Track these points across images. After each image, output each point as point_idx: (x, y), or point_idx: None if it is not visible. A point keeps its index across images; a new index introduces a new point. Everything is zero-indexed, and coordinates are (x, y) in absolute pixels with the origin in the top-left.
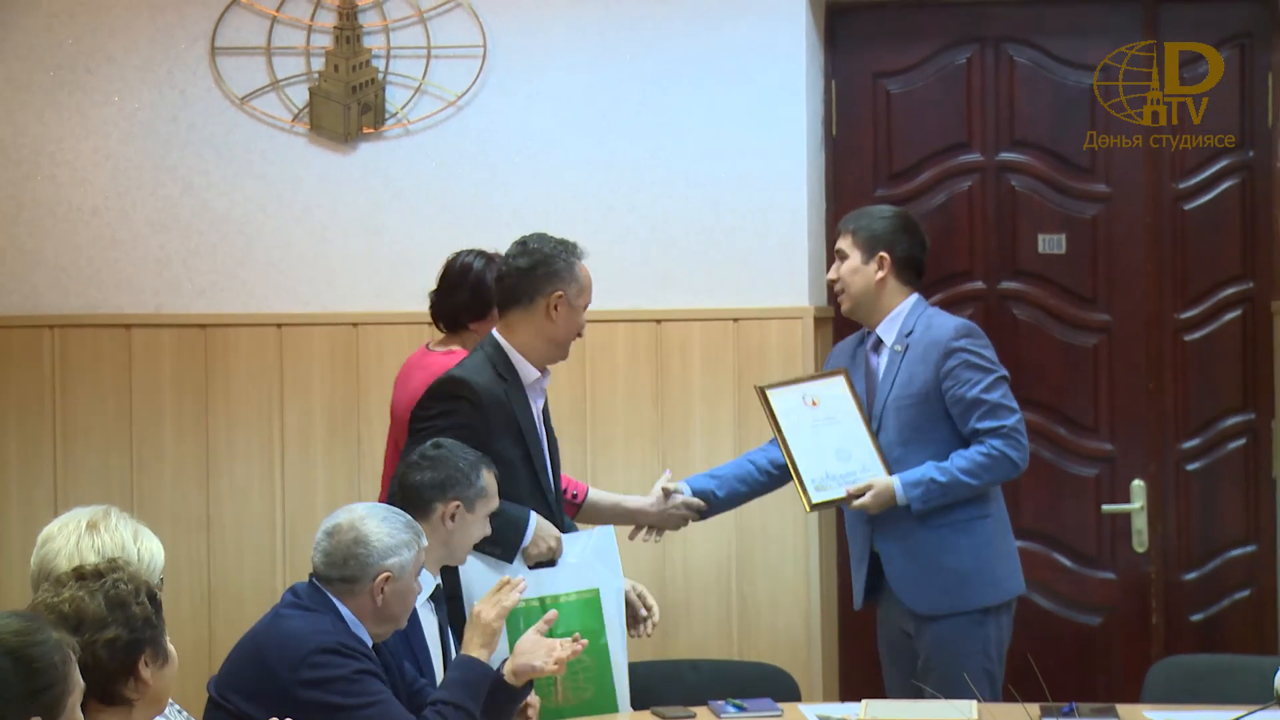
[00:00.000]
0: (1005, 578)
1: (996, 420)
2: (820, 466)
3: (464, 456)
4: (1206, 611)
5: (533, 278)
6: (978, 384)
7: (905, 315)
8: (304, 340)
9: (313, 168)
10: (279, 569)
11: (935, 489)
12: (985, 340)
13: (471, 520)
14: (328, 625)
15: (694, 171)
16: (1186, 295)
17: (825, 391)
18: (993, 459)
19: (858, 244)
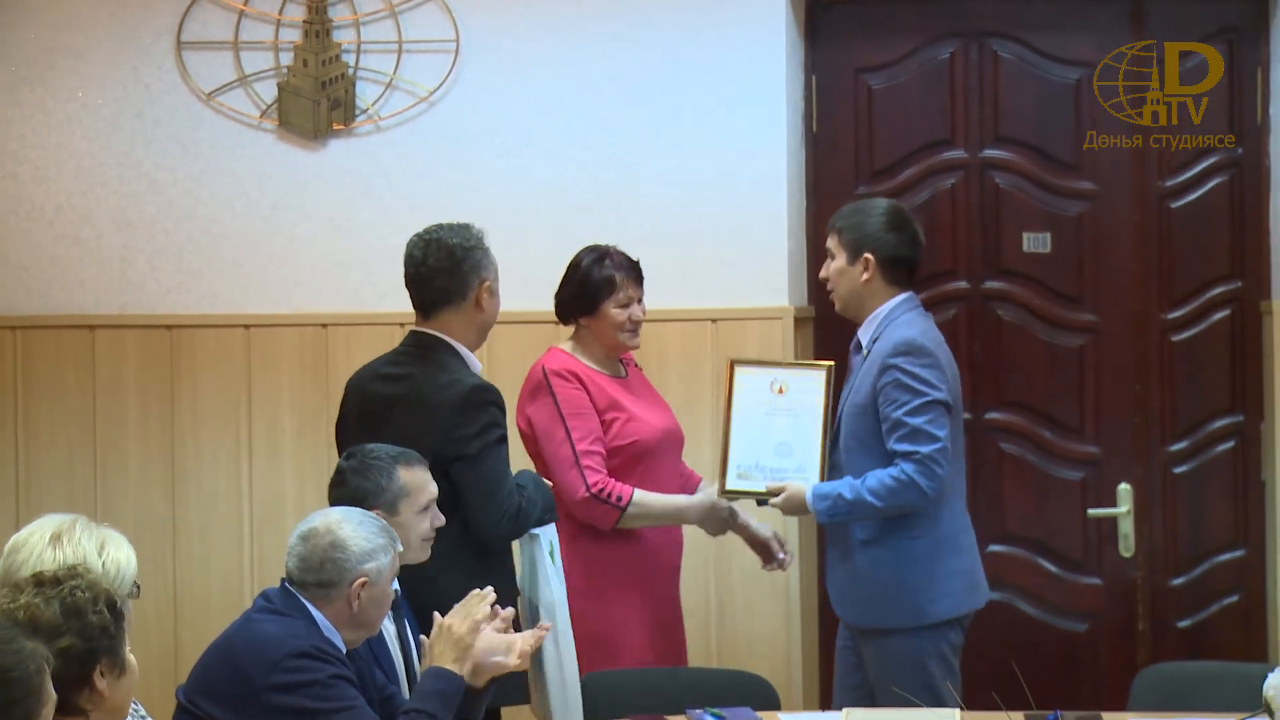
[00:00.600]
0: (932, 601)
1: (913, 445)
2: (752, 455)
3: (374, 461)
4: (1194, 617)
5: (459, 275)
6: (905, 405)
7: (882, 319)
8: (272, 341)
9: (281, 165)
10: (246, 575)
11: (842, 505)
12: (929, 359)
13: (401, 523)
14: (301, 629)
15: (671, 169)
16: (1174, 295)
17: (798, 381)
18: (900, 484)
19: (843, 244)
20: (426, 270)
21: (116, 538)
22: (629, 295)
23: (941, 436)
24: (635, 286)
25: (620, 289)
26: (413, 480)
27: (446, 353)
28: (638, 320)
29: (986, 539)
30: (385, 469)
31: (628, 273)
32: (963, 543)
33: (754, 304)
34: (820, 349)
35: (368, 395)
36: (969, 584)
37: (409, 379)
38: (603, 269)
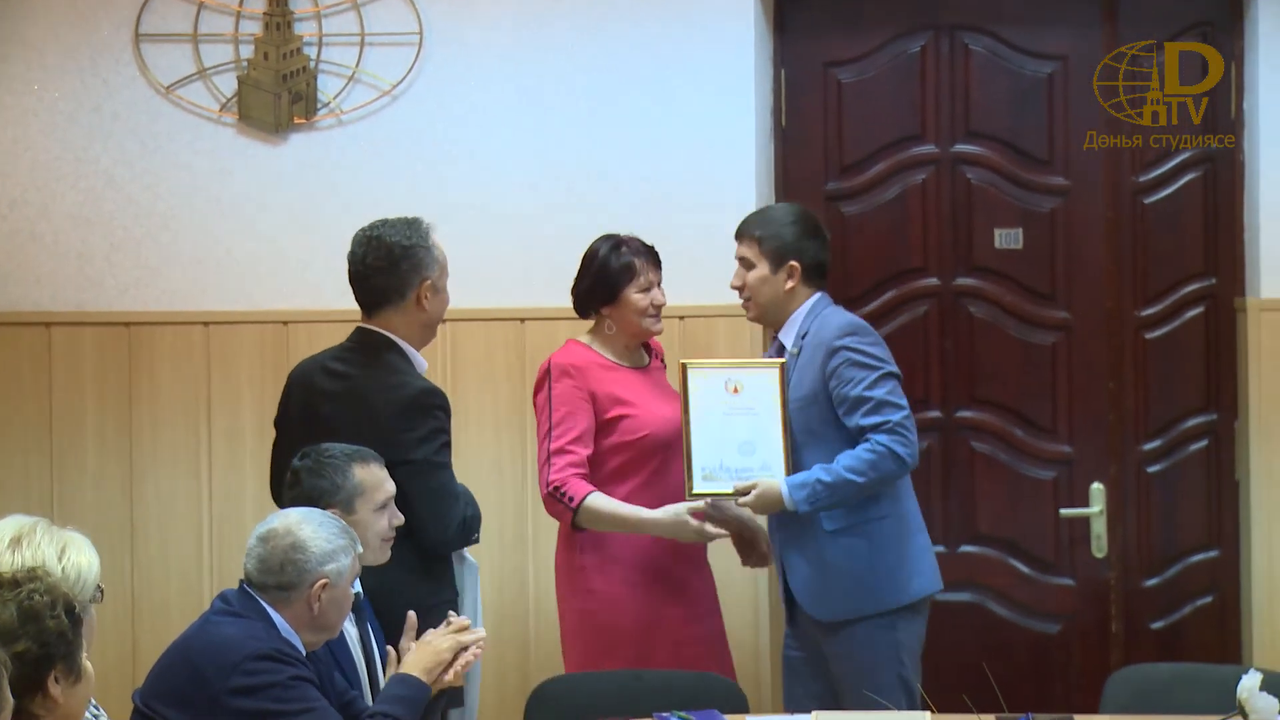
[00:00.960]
0: (910, 579)
1: (881, 416)
2: (716, 456)
3: (329, 459)
4: (1168, 619)
5: (398, 274)
6: (861, 381)
7: (804, 317)
8: (232, 339)
9: (241, 159)
10: (206, 578)
11: (821, 490)
12: (874, 338)
13: (357, 521)
14: (261, 631)
15: (638, 164)
16: (1147, 292)
17: (752, 380)
18: (879, 455)
19: (765, 253)
20: (365, 269)
21: (79, 541)
22: (649, 280)
23: (905, 405)
24: (654, 271)
25: (640, 274)
26: (369, 478)
27: (391, 351)
28: (660, 304)
29: (958, 539)
30: (340, 467)
31: (646, 258)
32: (920, 521)
33: (722, 301)
34: None
35: (311, 389)
36: (933, 562)
37: (352, 378)
38: (620, 256)
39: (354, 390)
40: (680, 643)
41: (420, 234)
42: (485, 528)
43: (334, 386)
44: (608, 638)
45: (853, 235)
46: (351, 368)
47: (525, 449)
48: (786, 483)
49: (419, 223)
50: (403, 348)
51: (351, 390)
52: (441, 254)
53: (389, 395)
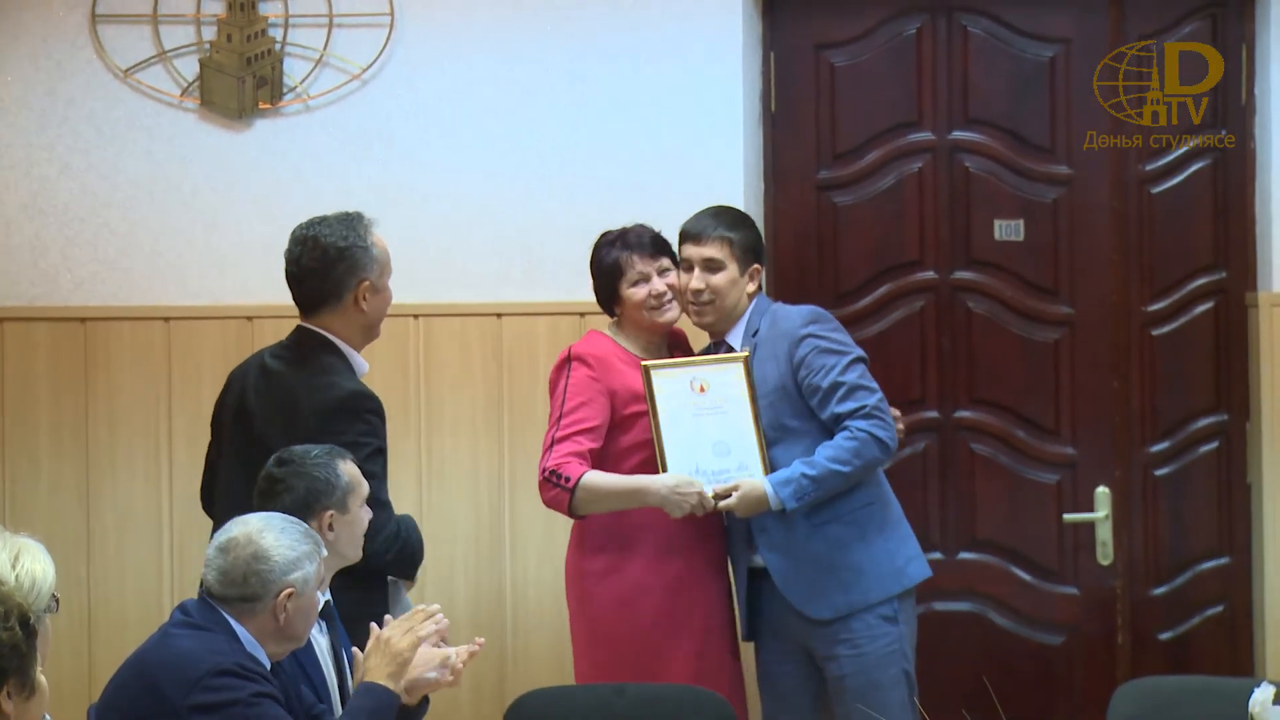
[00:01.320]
0: (906, 563)
1: (856, 401)
2: (690, 460)
3: (315, 460)
4: (1176, 629)
5: (333, 276)
6: (833, 369)
7: (750, 315)
8: (194, 335)
9: (203, 147)
10: (166, 587)
11: (807, 484)
12: (835, 324)
13: (350, 520)
14: (223, 645)
15: (621, 152)
16: (1154, 286)
17: (718, 377)
18: (860, 441)
19: (736, 254)
20: (300, 270)
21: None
22: (640, 272)
23: (877, 388)
24: (648, 260)
25: (628, 268)
26: (353, 473)
27: (328, 352)
28: (660, 294)
29: (956, 545)
30: (328, 464)
31: (638, 250)
32: (899, 505)
33: None
34: None
35: (245, 387)
36: (919, 547)
37: (283, 376)
38: (608, 253)
39: (282, 389)
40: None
41: (358, 233)
42: (461, 538)
43: (264, 385)
44: (617, 650)
45: (846, 227)
46: (284, 365)
47: (503, 453)
48: (769, 481)
49: (358, 220)
50: (340, 348)
51: (280, 389)
52: (382, 252)
53: (317, 396)
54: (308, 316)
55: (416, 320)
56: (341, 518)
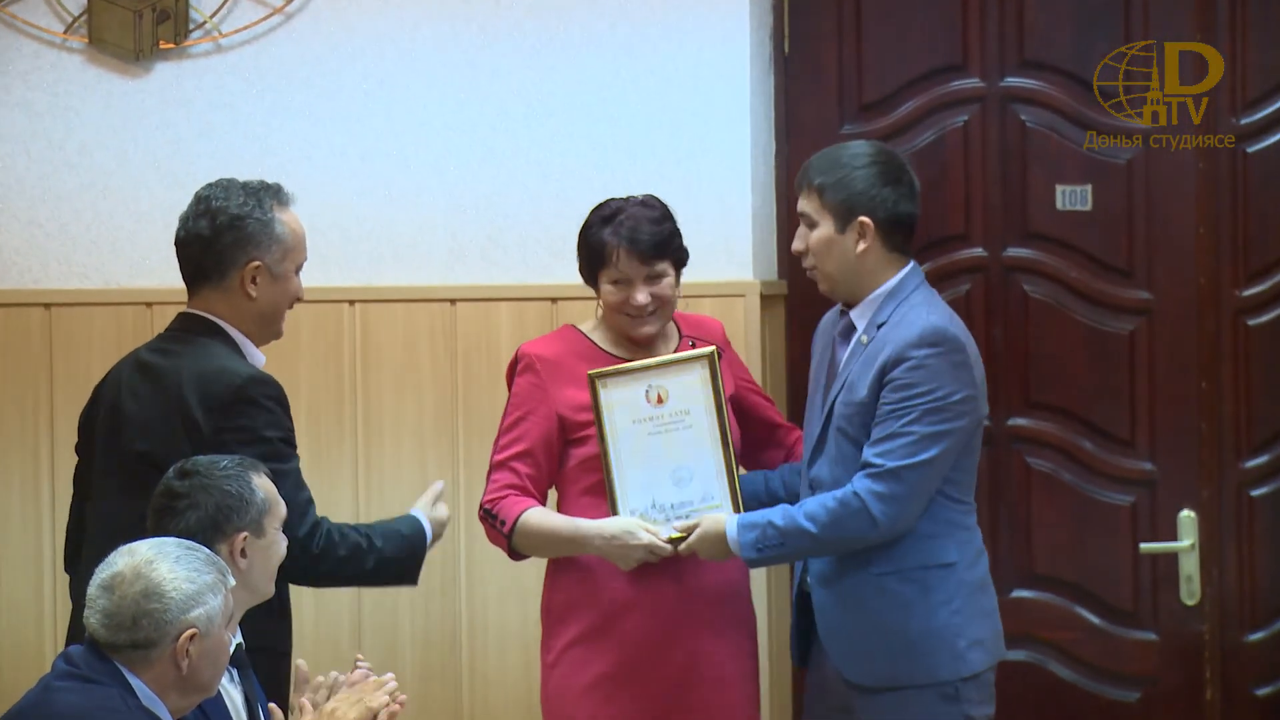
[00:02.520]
0: (970, 646)
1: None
2: (646, 494)
3: (225, 471)
4: (1277, 683)
5: (217, 247)
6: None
7: (885, 298)
8: (81, 324)
9: (93, 95)
10: (48, 629)
11: (773, 536)
12: (959, 354)
13: (265, 544)
14: (115, 701)
15: (602, 103)
16: (1251, 266)
17: (678, 384)
18: (846, 508)
19: (828, 206)
20: (185, 235)
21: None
22: (623, 273)
23: (925, 455)
24: (639, 263)
25: (611, 263)
26: (269, 490)
27: (213, 337)
28: (640, 306)
29: (1010, 581)
30: (240, 476)
31: (630, 244)
32: (987, 572)
33: (710, 278)
34: (797, 335)
35: (120, 395)
36: (999, 624)
37: (163, 371)
38: (597, 233)
39: (162, 387)
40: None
41: (261, 204)
42: None
43: (142, 386)
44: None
45: None
46: (162, 358)
47: (457, 465)
48: (736, 521)
49: (268, 191)
50: (229, 334)
51: (159, 387)
52: (291, 234)
53: (205, 388)
54: (191, 297)
55: (352, 306)
56: (256, 542)
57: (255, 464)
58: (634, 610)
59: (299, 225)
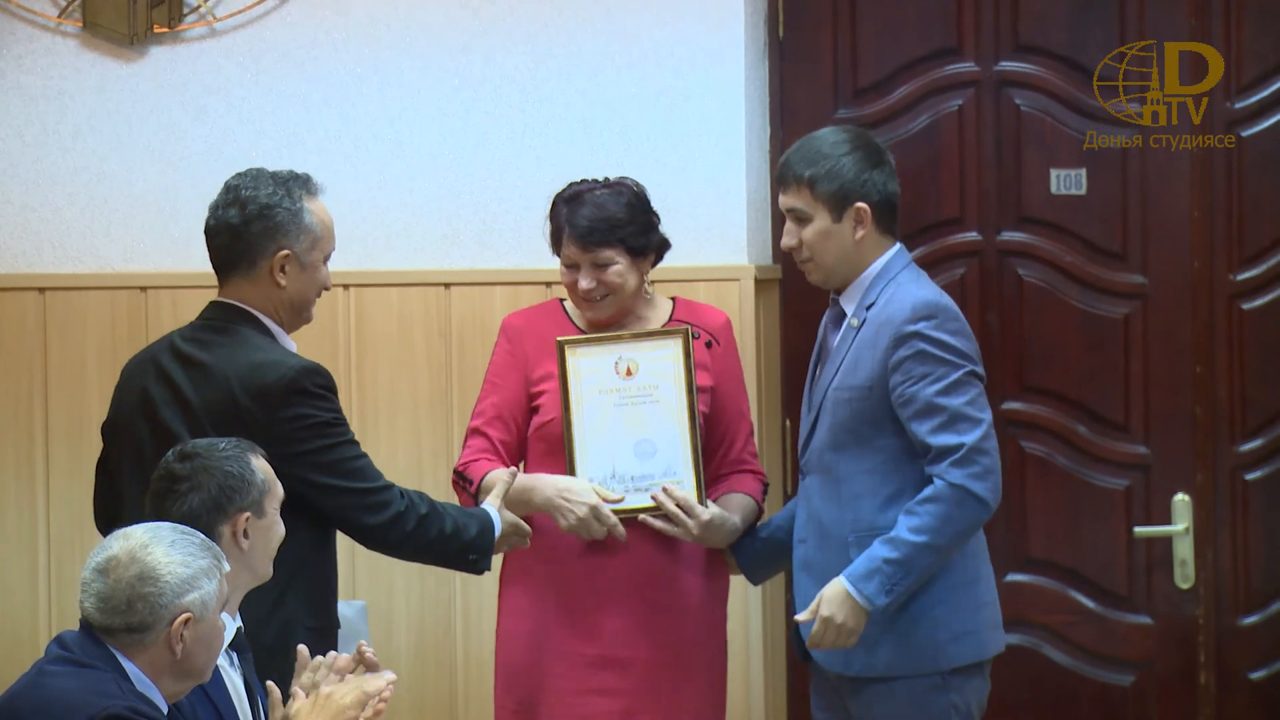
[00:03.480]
0: (974, 631)
1: (954, 435)
2: (606, 462)
3: (225, 453)
4: (1271, 666)
5: (247, 236)
6: (935, 381)
7: (874, 278)
8: (76, 309)
9: (87, 79)
10: (42, 615)
11: (892, 571)
12: (957, 321)
13: (265, 525)
14: (110, 685)
15: (596, 88)
16: (1246, 250)
17: (649, 358)
18: (950, 502)
19: (821, 198)
20: (215, 224)
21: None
22: (569, 256)
23: (985, 419)
24: (579, 248)
25: (563, 244)
26: (268, 471)
27: (250, 325)
28: (586, 290)
29: (1005, 565)
30: (240, 458)
31: (571, 229)
32: (986, 563)
33: (703, 262)
34: (791, 319)
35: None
36: (996, 615)
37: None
38: (556, 212)
39: (210, 376)
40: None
41: (290, 193)
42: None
43: (181, 375)
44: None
45: None
46: (200, 349)
47: (451, 450)
48: (848, 578)
49: (298, 180)
50: (264, 323)
51: (208, 377)
52: (320, 224)
53: (259, 380)
54: (222, 287)
55: (346, 291)
56: (257, 522)
57: (253, 446)
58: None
59: (327, 215)
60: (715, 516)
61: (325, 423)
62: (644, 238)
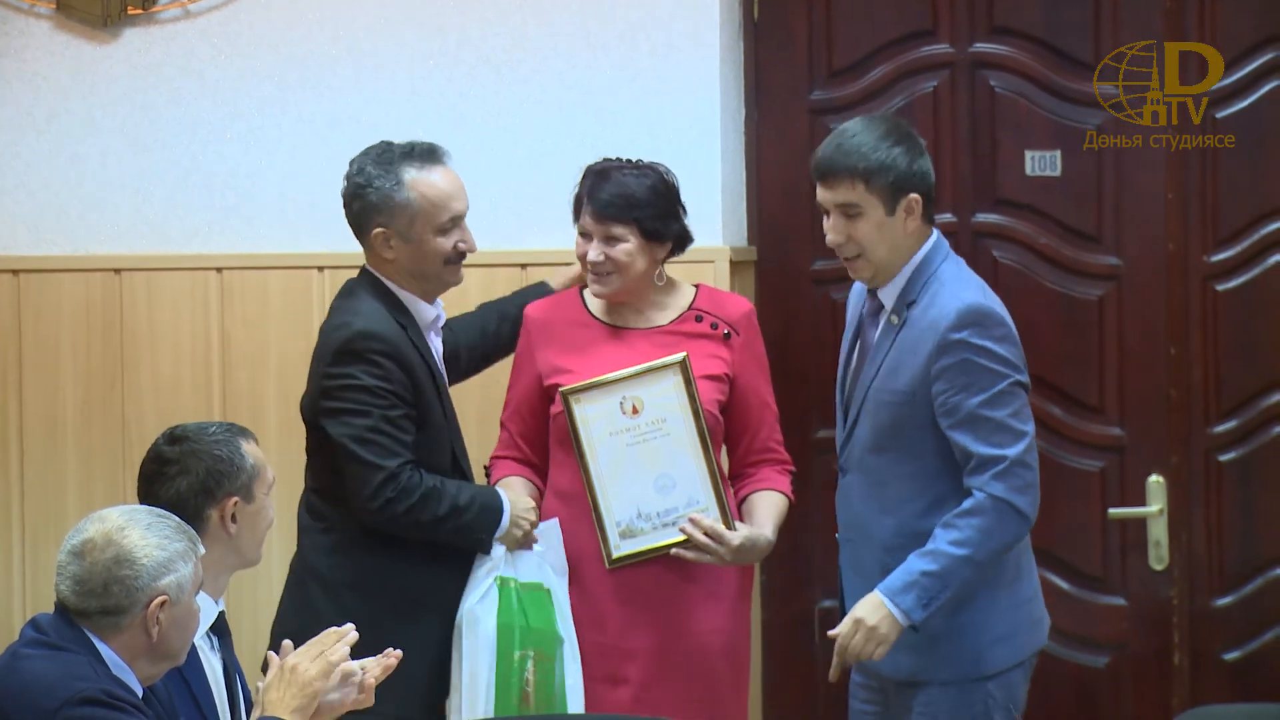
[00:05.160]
0: (1012, 635)
1: (993, 448)
2: (631, 505)
3: (215, 439)
4: (1245, 648)
5: (351, 214)
6: (980, 391)
7: (914, 272)
8: (49, 292)
9: (60, 62)
10: (17, 599)
11: (930, 584)
12: (1004, 327)
13: (254, 510)
14: (85, 668)
15: (571, 69)
16: (1220, 231)
17: (651, 392)
18: (991, 515)
19: (875, 191)
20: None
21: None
22: (584, 225)
23: (1028, 431)
24: (594, 219)
25: (581, 213)
26: (259, 455)
27: (368, 289)
28: (596, 262)
29: None
30: (229, 442)
31: (590, 199)
32: (1026, 564)
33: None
34: (767, 300)
35: None
36: (1038, 611)
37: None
38: (583, 183)
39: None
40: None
41: (390, 170)
42: None
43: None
44: None
45: None
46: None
47: None
48: (884, 591)
49: (410, 154)
50: (389, 287)
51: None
52: (420, 197)
53: (326, 341)
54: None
55: (321, 273)
56: (246, 507)
57: (244, 430)
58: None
59: (438, 186)
60: (746, 539)
61: (362, 387)
62: (660, 223)
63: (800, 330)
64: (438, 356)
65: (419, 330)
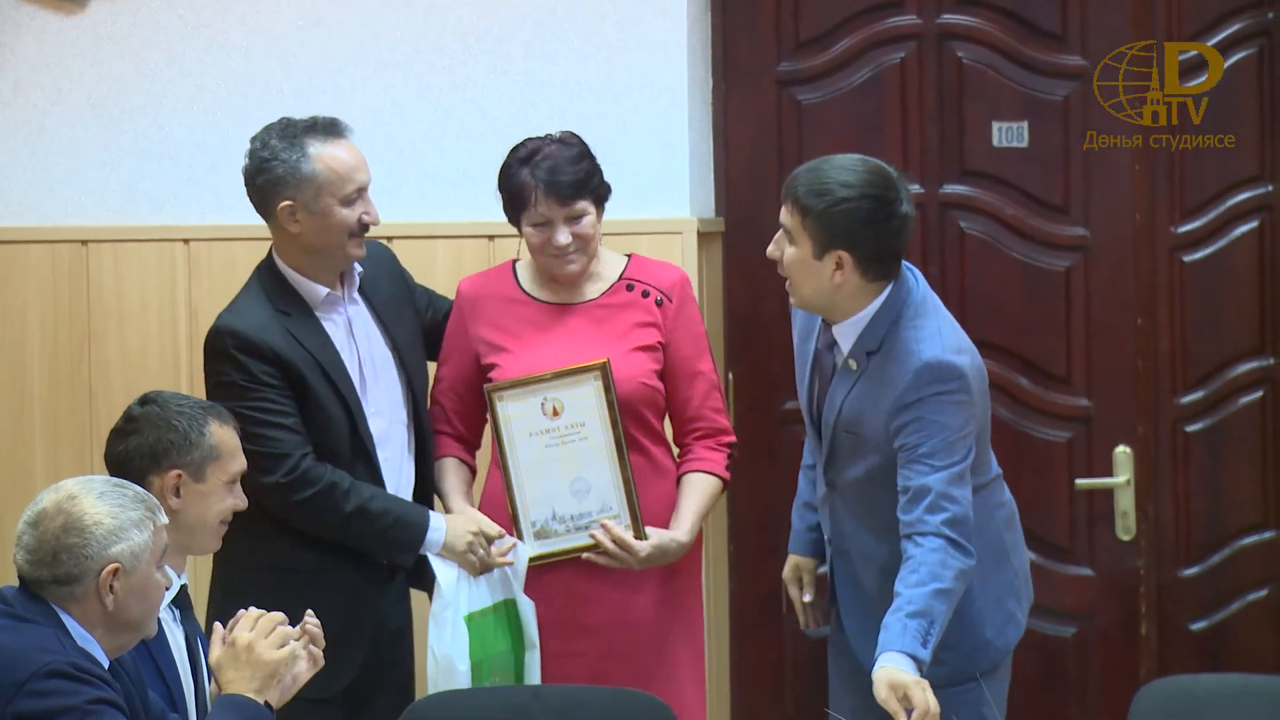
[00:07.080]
0: (990, 638)
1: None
2: (546, 505)
3: (181, 410)
4: (1211, 618)
5: (254, 188)
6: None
7: (869, 323)
8: (15, 262)
9: (25, 33)
10: None
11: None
12: (956, 382)
13: (206, 491)
14: (51, 641)
15: (539, 40)
16: (1186, 202)
17: (572, 395)
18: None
19: (807, 230)
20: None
21: None
22: (542, 215)
23: (960, 499)
24: (558, 204)
25: (531, 205)
26: (225, 441)
27: (259, 277)
28: (562, 246)
29: None
30: (195, 419)
31: (549, 186)
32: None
33: (645, 215)
34: (734, 271)
35: None
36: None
37: None
38: (515, 174)
39: None
40: None
41: (291, 142)
42: None
43: None
44: None
45: (812, 130)
46: None
47: None
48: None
49: (313, 127)
50: (280, 271)
51: None
52: (325, 169)
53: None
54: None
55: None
56: (193, 484)
57: (221, 412)
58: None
59: (341, 159)
60: (655, 548)
61: (232, 383)
62: (605, 186)
63: (768, 302)
64: (347, 334)
65: (307, 314)
